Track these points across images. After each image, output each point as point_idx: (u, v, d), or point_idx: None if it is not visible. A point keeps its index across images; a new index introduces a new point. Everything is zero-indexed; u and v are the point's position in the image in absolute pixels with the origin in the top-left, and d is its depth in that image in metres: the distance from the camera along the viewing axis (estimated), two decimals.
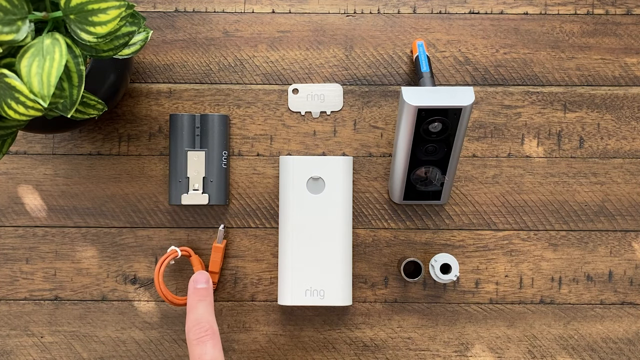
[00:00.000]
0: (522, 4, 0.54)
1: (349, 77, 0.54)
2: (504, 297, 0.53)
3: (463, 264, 0.53)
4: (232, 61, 0.54)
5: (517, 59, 0.54)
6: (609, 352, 0.53)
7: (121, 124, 0.54)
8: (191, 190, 0.52)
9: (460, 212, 0.54)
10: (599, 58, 0.54)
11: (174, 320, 0.53)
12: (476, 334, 0.53)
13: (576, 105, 0.54)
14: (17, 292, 0.53)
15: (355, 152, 0.54)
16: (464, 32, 0.54)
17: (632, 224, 0.53)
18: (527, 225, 0.53)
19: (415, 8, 0.55)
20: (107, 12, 0.36)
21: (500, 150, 0.54)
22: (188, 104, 0.54)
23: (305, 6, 0.55)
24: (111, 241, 0.54)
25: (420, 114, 0.45)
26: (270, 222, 0.54)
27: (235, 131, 0.54)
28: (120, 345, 0.53)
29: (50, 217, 0.54)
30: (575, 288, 0.53)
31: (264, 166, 0.54)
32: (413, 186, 0.51)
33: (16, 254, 0.54)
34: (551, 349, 0.53)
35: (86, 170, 0.54)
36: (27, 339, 0.53)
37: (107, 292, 0.53)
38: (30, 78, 0.35)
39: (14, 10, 0.35)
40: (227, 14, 0.55)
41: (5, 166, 0.54)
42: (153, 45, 0.54)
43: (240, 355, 0.53)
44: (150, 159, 0.54)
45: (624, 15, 0.54)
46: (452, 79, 0.54)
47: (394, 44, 0.54)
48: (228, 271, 0.53)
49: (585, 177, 0.54)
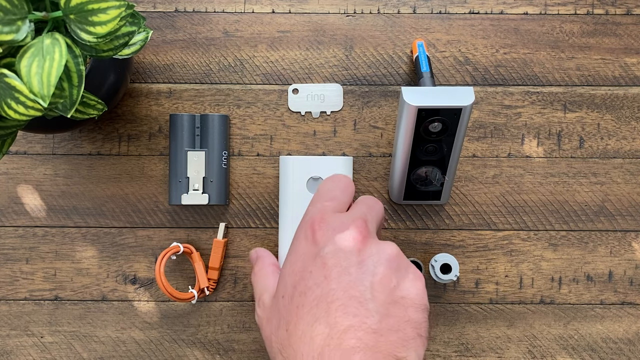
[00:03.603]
0: (522, 4, 0.54)
1: (349, 77, 0.54)
2: (504, 297, 0.53)
3: (463, 264, 0.53)
4: (232, 61, 0.54)
5: (517, 59, 0.54)
6: (609, 352, 0.53)
7: (121, 124, 0.54)
8: (191, 190, 0.52)
9: (460, 212, 0.54)
10: (599, 58, 0.54)
11: (174, 320, 0.53)
12: (476, 334, 0.53)
13: (576, 105, 0.54)
14: (17, 292, 0.53)
15: (355, 152, 0.54)
16: (464, 32, 0.54)
17: (632, 224, 0.53)
18: (527, 225, 0.53)
19: (415, 8, 0.55)
20: (107, 12, 0.36)
21: (500, 150, 0.54)
22: (188, 104, 0.54)
23: (305, 6, 0.55)
24: (111, 241, 0.54)
25: (420, 114, 0.45)
26: (270, 222, 0.54)
27: (235, 131, 0.54)
28: (120, 345, 0.53)
29: (50, 217, 0.54)
30: (575, 288, 0.53)
31: (264, 166, 0.54)
32: (413, 186, 0.51)
33: (16, 254, 0.54)
34: (551, 349, 0.53)
35: (86, 170, 0.54)
36: (27, 339, 0.53)
37: (107, 292, 0.53)
38: (30, 78, 0.35)
39: (14, 10, 0.35)
40: (227, 14, 0.55)
41: (5, 166, 0.54)
42: (153, 45, 0.54)
43: (240, 355, 0.53)
44: (150, 159, 0.54)
45: (624, 15, 0.54)
46: (452, 79, 0.54)
47: (394, 44, 0.54)
48: (228, 271, 0.53)
49: (585, 177, 0.54)
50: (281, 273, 0.37)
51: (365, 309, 0.32)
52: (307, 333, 0.32)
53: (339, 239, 0.35)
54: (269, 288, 0.39)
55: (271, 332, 0.35)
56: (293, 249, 0.37)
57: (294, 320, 0.33)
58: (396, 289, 0.34)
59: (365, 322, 0.32)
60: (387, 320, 0.33)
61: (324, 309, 0.32)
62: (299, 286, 0.34)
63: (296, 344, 0.32)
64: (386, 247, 0.35)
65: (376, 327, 0.32)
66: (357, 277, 0.33)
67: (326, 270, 0.34)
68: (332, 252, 0.34)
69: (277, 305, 0.35)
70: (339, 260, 0.34)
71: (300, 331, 0.32)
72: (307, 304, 0.33)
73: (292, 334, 0.33)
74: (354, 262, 0.34)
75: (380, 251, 0.35)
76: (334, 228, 0.36)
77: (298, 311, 0.33)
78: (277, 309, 0.35)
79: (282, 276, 0.36)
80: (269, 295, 0.38)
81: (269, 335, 0.36)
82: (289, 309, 0.34)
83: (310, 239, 0.36)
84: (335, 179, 0.41)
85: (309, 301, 0.33)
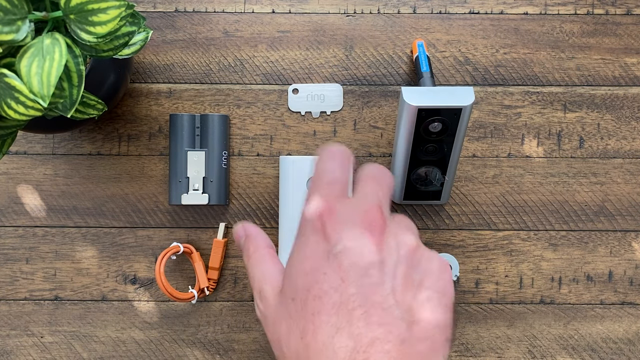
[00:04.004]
0: (522, 4, 0.54)
1: (349, 77, 0.54)
2: (504, 297, 0.53)
3: (463, 264, 0.53)
4: (232, 61, 0.54)
5: (517, 59, 0.54)
6: (609, 352, 0.53)
7: (121, 124, 0.54)
8: (191, 190, 0.52)
9: (460, 212, 0.54)
10: (599, 58, 0.54)
11: (174, 320, 0.53)
12: (476, 334, 0.53)
13: (576, 105, 0.54)
14: (17, 292, 0.53)
15: (355, 152, 0.54)
16: (464, 32, 0.54)
17: (632, 224, 0.53)
18: (527, 225, 0.53)
19: (415, 8, 0.55)
20: (107, 12, 0.36)
21: (500, 150, 0.54)
22: (188, 104, 0.54)
23: (305, 6, 0.55)
24: (111, 241, 0.54)
25: (420, 114, 0.45)
26: (270, 222, 0.54)
27: (235, 131, 0.54)
28: (120, 345, 0.53)
29: (50, 217, 0.54)
30: (575, 288, 0.53)
31: (264, 166, 0.54)
32: (413, 186, 0.51)
33: (16, 254, 0.54)
34: (551, 349, 0.53)
35: (86, 170, 0.54)
36: (27, 339, 0.53)
37: (107, 292, 0.53)
38: (30, 78, 0.35)
39: (14, 10, 0.35)
40: (227, 14, 0.55)
41: (5, 166, 0.54)
42: (153, 45, 0.54)
43: (240, 355, 0.53)
44: (150, 159, 0.54)
45: (624, 15, 0.54)
46: (452, 79, 0.54)
47: (394, 44, 0.54)
48: (228, 271, 0.53)
49: (585, 177, 0.54)
50: (287, 271, 0.34)
51: (391, 317, 0.30)
52: (328, 346, 0.29)
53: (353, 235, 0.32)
54: (269, 278, 0.35)
55: (280, 336, 0.33)
56: (300, 245, 0.33)
57: (310, 329, 0.30)
58: (420, 289, 0.31)
59: (392, 331, 0.29)
60: (414, 327, 0.30)
61: (345, 318, 0.29)
62: (312, 289, 0.31)
63: (316, 356, 0.29)
64: (405, 238, 0.32)
65: (404, 337, 0.29)
66: (378, 279, 0.30)
67: (342, 272, 0.31)
68: (347, 250, 0.31)
69: (287, 308, 0.32)
70: (355, 260, 0.31)
71: (320, 343, 0.29)
72: (324, 312, 0.30)
73: (310, 345, 0.30)
74: (374, 262, 0.31)
75: (400, 245, 0.32)
76: (346, 220, 0.32)
77: (314, 319, 0.30)
78: (286, 311, 0.32)
79: (290, 275, 0.33)
80: (272, 289, 0.34)
81: (277, 338, 0.33)
82: (302, 315, 0.31)
83: (320, 234, 0.32)
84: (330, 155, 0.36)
85: (326, 308, 0.30)
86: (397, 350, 0.29)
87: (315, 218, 0.33)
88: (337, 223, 0.33)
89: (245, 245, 0.38)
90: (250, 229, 0.38)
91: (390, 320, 0.29)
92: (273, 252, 0.37)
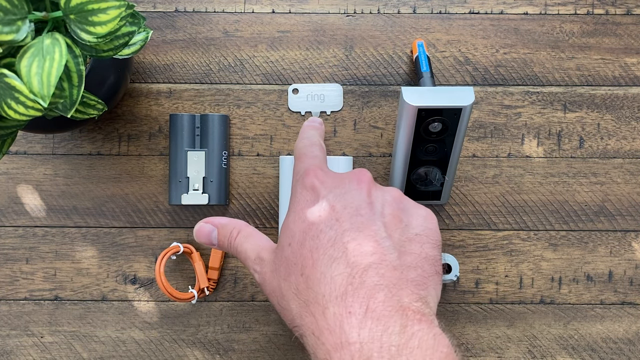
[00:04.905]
0: (522, 4, 0.54)
1: (349, 77, 0.54)
2: (504, 297, 0.53)
3: (463, 264, 0.53)
4: (232, 61, 0.54)
5: (517, 59, 0.54)
6: (609, 352, 0.53)
7: (121, 124, 0.54)
8: (191, 190, 0.52)
9: (460, 212, 0.54)
10: (599, 58, 0.54)
11: (174, 320, 0.53)
12: (476, 334, 0.53)
13: (576, 105, 0.54)
14: (17, 292, 0.53)
15: (355, 152, 0.54)
16: (464, 32, 0.54)
17: (632, 224, 0.53)
18: (527, 225, 0.53)
19: (415, 8, 0.55)
20: (107, 12, 0.36)
21: (500, 150, 0.54)
22: (188, 104, 0.54)
23: (305, 6, 0.55)
24: (111, 241, 0.54)
25: (420, 114, 0.45)
26: (270, 222, 0.54)
27: (235, 131, 0.54)
28: (120, 345, 0.53)
29: (50, 217, 0.54)
30: (575, 288, 0.53)
31: (264, 166, 0.54)
32: (413, 186, 0.51)
33: (16, 254, 0.54)
34: (551, 349, 0.53)
35: (86, 170, 0.54)
36: (27, 339, 0.53)
37: (107, 292, 0.53)
38: (30, 78, 0.35)
39: (14, 10, 0.35)
40: (227, 14, 0.55)
41: (5, 166, 0.54)
42: (153, 45, 0.54)
43: (240, 355, 0.53)
44: (150, 159, 0.54)
45: (624, 15, 0.54)
46: (452, 79, 0.54)
47: (394, 44, 0.54)
48: (228, 271, 0.53)
49: (585, 177, 0.54)
50: (284, 224, 0.36)
51: (382, 247, 0.32)
52: (326, 274, 0.31)
53: (342, 183, 0.35)
54: (262, 245, 0.37)
55: (279, 281, 0.34)
56: (295, 201, 0.37)
57: (309, 264, 0.32)
58: (409, 227, 0.34)
59: (385, 259, 0.31)
60: (405, 257, 0.32)
61: (341, 249, 0.32)
62: (310, 231, 0.33)
63: (315, 285, 0.31)
64: (390, 189, 0.36)
65: (396, 264, 0.32)
66: (369, 218, 0.33)
67: (336, 213, 0.33)
68: (338, 196, 0.34)
69: (284, 254, 0.34)
70: (347, 202, 0.34)
71: (318, 273, 0.31)
72: (321, 246, 0.32)
73: (310, 276, 0.32)
74: (363, 203, 0.34)
75: (385, 193, 0.35)
76: (334, 176, 0.36)
77: (312, 254, 0.32)
78: (283, 257, 0.34)
79: (286, 226, 0.36)
80: (268, 251, 0.37)
81: (277, 285, 0.34)
82: (300, 254, 0.33)
83: (310, 188, 0.36)
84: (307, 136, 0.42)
85: (322, 243, 0.32)
86: (390, 274, 0.31)
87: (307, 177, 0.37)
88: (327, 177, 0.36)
89: (222, 233, 0.40)
90: (217, 220, 0.41)
91: (383, 250, 0.32)
92: (256, 230, 0.40)
